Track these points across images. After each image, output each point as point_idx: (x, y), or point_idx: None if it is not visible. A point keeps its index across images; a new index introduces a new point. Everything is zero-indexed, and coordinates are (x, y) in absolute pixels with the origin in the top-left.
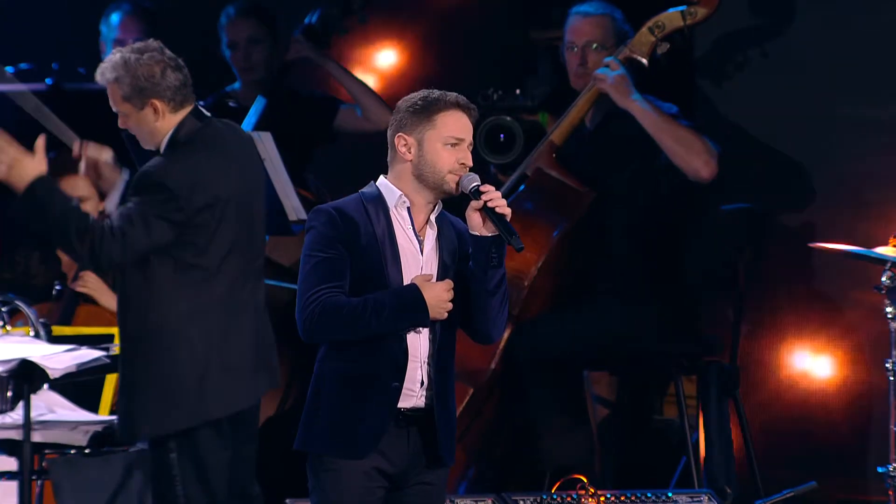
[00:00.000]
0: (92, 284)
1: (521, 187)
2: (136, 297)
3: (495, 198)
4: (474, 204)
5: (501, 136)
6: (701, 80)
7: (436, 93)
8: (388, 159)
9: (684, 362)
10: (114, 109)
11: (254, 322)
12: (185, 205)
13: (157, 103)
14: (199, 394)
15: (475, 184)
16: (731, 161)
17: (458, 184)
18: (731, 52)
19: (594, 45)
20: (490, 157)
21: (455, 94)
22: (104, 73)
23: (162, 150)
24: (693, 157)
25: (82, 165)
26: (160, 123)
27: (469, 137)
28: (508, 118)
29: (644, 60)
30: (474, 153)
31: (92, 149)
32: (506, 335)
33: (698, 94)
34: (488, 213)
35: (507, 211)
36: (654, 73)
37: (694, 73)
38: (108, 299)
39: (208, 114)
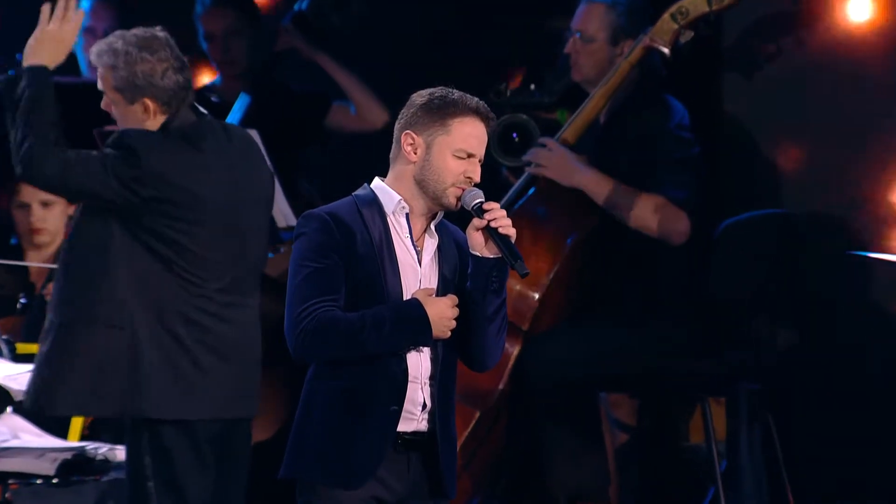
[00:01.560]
0: None
1: (532, 190)
2: (90, 262)
3: (499, 217)
4: (476, 222)
5: (515, 135)
6: (729, 71)
7: (455, 94)
8: (391, 156)
9: (712, 383)
10: (99, 88)
11: (231, 340)
12: (146, 178)
13: (149, 103)
14: (134, 385)
15: (478, 200)
16: (762, 162)
17: (459, 199)
18: (763, 40)
19: (580, 36)
20: (503, 158)
21: (477, 99)
22: (101, 55)
23: None
24: (657, 227)
25: None
26: (149, 122)
27: (482, 152)
28: (523, 116)
29: (666, 50)
30: (486, 154)
31: None
32: (515, 352)
33: (725, 87)
34: (491, 233)
35: (512, 232)
36: (677, 65)
37: (721, 64)
38: None
39: (205, 111)
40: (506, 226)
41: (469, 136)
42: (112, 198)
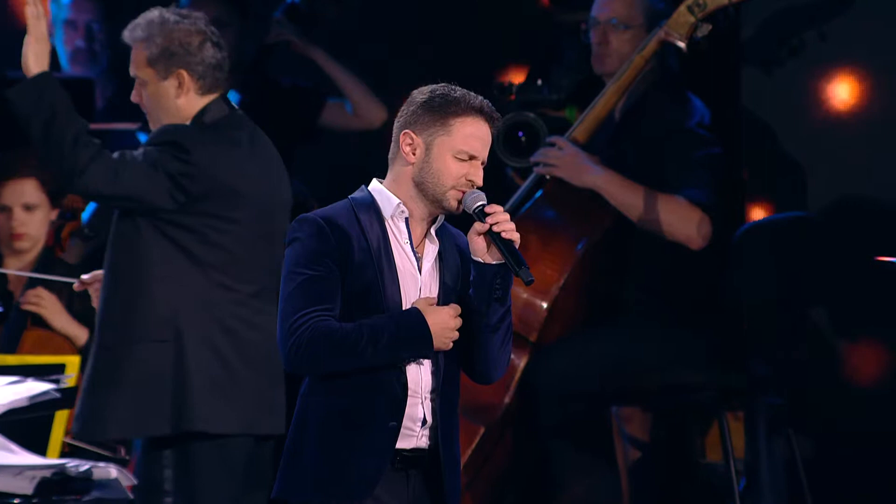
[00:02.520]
0: (45, 303)
1: (539, 193)
2: (127, 278)
3: (502, 220)
4: (478, 226)
5: (521, 134)
6: (748, 66)
7: (458, 91)
8: (390, 156)
9: (730, 396)
10: (132, 74)
11: (261, 349)
12: (197, 174)
13: (185, 75)
14: (182, 400)
15: (480, 203)
16: (783, 163)
17: (460, 202)
18: (784, 33)
19: (615, 22)
20: (508, 159)
21: (481, 97)
22: (134, 29)
23: None
24: (676, 230)
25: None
26: (182, 101)
27: (485, 154)
28: (530, 114)
29: (682, 44)
30: (491, 154)
31: None
32: (522, 364)
33: (745, 83)
34: (494, 238)
35: (516, 236)
36: (694, 59)
37: (740, 58)
38: (63, 322)
39: (234, 105)
40: (509, 230)
41: (471, 136)
42: (161, 200)
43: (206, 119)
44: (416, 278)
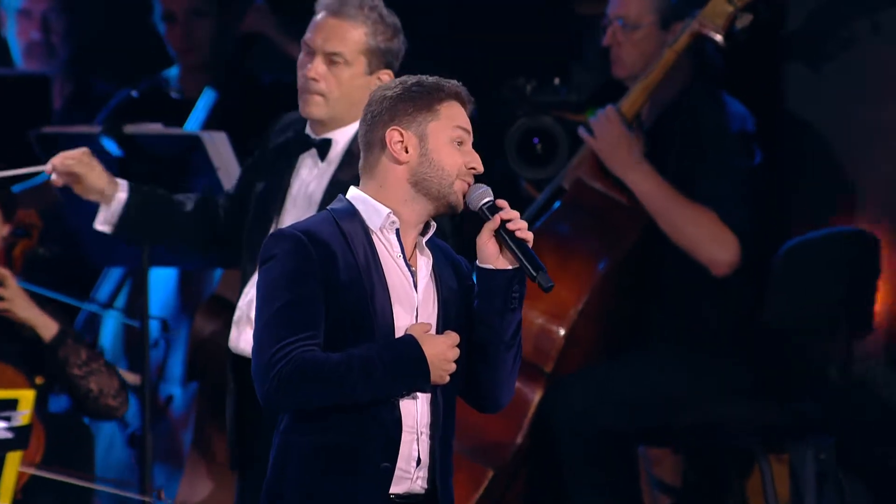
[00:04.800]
0: (8, 293)
1: (557, 204)
2: None
3: (515, 218)
4: (489, 226)
5: (536, 140)
6: (793, 62)
7: (430, 78)
8: (363, 165)
9: (773, 436)
10: (327, 50)
11: None
12: None
13: (388, 77)
14: None
15: (488, 199)
16: (832, 171)
17: (465, 196)
18: (833, 25)
19: (622, 23)
20: (523, 169)
21: (454, 81)
22: (361, 6)
23: (340, 145)
24: (701, 249)
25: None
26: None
27: (472, 136)
28: (546, 118)
29: (718, 37)
30: (502, 165)
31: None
32: (536, 398)
33: (789, 82)
34: (506, 237)
35: (529, 236)
36: (732, 54)
37: (784, 53)
38: (30, 312)
39: None
40: (522, 228)
41: (460, 119)
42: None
43: None
44: (412, 296)
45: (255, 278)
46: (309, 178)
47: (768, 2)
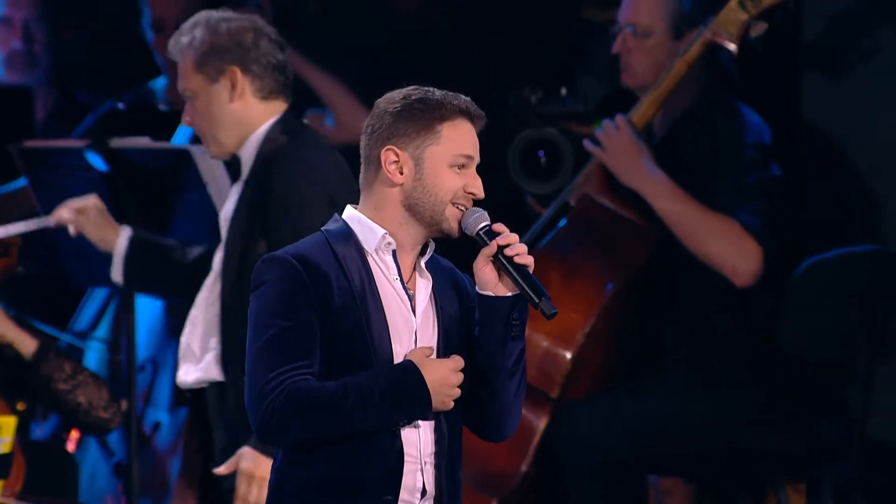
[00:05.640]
0: None
1: (563, 222)
2: None
3: (513, 242)
4: (486, 252)
5: (541, 153)
6: (810, 72)
7: (437, 93)
8: (363, 180)
9: (789, 464)
10: (180, 90)
11: None
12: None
13: (238, 75)
14: None
15: (484, 223)
16: (852, 186)
17: (460, 222)
18: (853, 34)
19: (632, 30)
20: (526, 183)
21: (463, 96)
22: (177, 39)
23: (246, 160)
24: (723, 259)
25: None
26: (237, 105)
27: (478, 156)
28: (552, 129)
29: (732, 46)
30: (505, 178)
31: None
32: (541, 426)
33: (806, 92)
34: (504, 264)
35: (530, 261)
36: (747, 64)
37: (801, 63)
38: (5, 327)
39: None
40: (522, 253)
41: (463, 141)
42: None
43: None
44: (410, 321)
45: (197, 305)
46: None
47: (784, 8)
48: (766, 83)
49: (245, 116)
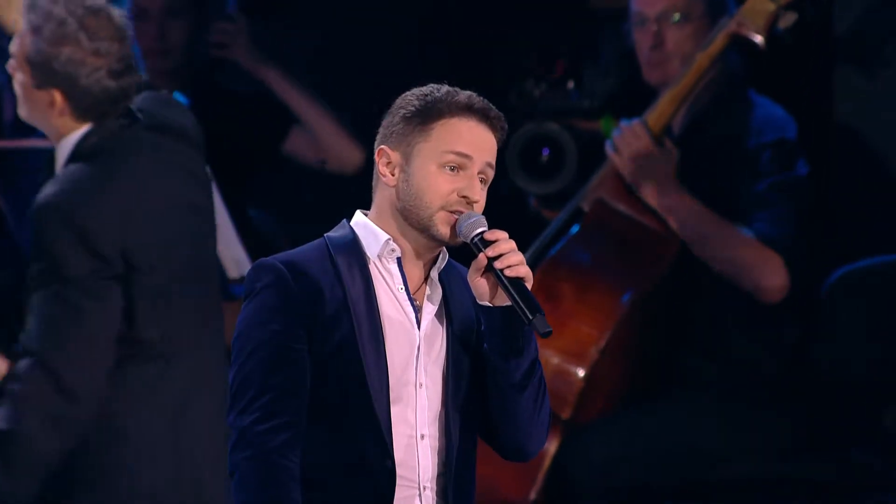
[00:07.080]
0: None
1: (575, 228)
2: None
3: (506, 252)
4: (479, 261)
5: (546, 151)
6: (843, 66)
7: (442, 89)
8: (373, 183)
9: (823, 495)
10: (10, 50)
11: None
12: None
13: (59, 100)
14: None
15: (479, 230)
16: (888, 188)
17: (453, 228)
18: (889, 25)
19: (675, 17)
20: (528, 183)
21: (469, 92)
22: (32, 8)
23: (60, 159)
24: (747, 277)
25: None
26: (56, 121)
27: (484, 158)
28: (556, 126)
29: (758, 38)
30: (505, 177)
31: None
32: (552, 450)
33: (838, 87)
34: (498, 276)
35: (524, 272)
36: (775, 58)
37: (833, 56)
38: None
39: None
40: (515, 264)
41: (458, 137)
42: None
43: (84, 149)
44: (413, 334)
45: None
46: None
47: (815, 0)
48: (795, 77)
49: (61, 127)
